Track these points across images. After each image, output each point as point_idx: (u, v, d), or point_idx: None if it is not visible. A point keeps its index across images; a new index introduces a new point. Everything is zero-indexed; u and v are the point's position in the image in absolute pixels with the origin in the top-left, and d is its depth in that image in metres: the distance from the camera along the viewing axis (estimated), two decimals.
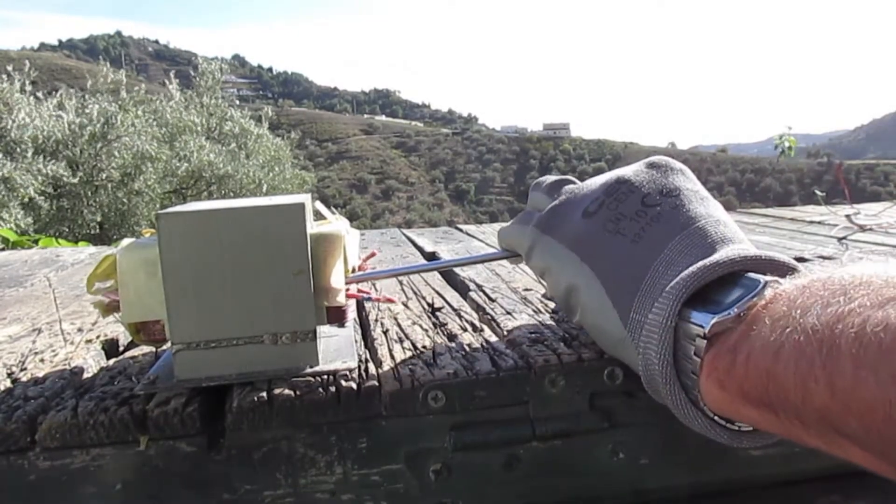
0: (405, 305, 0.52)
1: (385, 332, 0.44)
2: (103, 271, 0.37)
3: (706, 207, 0.33)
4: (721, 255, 0.29)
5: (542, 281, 0.39)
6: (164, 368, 0.36)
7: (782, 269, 0.29)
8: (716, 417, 0.28)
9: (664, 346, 0.28)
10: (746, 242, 0.32)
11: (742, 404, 0.25)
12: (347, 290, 0.38)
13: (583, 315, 0.35)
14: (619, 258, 0.32)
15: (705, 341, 0.26)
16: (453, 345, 0.40)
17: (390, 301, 0.49)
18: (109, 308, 0.37)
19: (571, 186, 0.39)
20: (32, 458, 0.31)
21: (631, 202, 0.34)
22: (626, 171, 0.36)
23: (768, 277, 0.27)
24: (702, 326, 0.27)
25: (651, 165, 0.36)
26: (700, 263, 0.29)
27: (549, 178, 0.41)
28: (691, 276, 0.28)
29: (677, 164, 0.37)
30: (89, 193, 6.65)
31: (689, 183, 0.35)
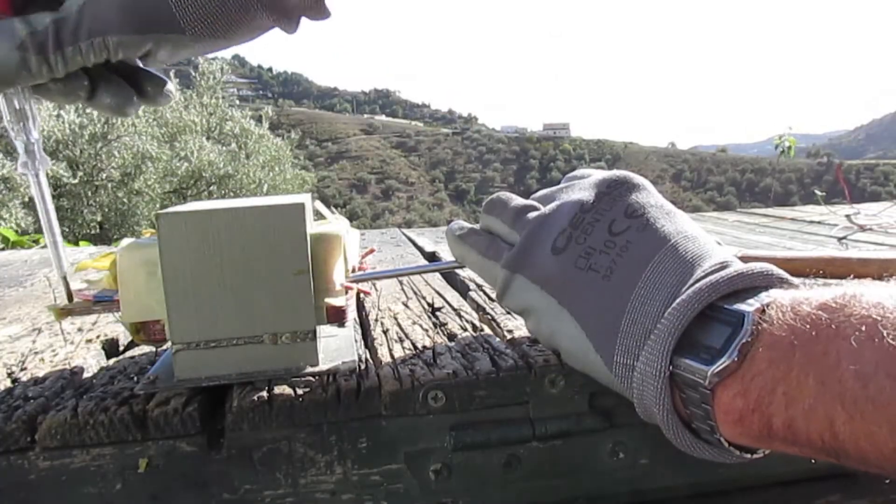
0: (405, 305, 0.52)
1: (385, 332, 0.44)
2: (99, 262, 0.37)
3: (673, 223, 0.33)
4: (693, 290, 0.28)
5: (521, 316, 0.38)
6: (164, 368, 0.36)
7: (757, 280, 0.28)
8: (741, 454, 0.28)
9: (662, 397, 0.28)
10: (716, 255, 0.31)
11: (776, 444, 0.25)
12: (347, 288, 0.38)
13: (567, 359, 0.34)
14: (594, 298, 0.32)
15: (709, 391, 0.26)
16: (453, 345, 0.40)
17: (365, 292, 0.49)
18: (63, 312, 0.37)
19: (534, 214, 0.37)
20: (32, 458, 0.31)
21: (598, 232, 0.33)
22: (587, 195, 0.35)
23: (749, 307, 0.27)
24: (701, 378, 0.26)
25: (611, 185, 0.35)
26: (675, 308, 0.28)
27: (510, 203, 0.39)
28: (673, 323, 0.28)
29: (637, 179, 0.36)
30: (89, 193, 6.66)
31: (651, 198, 0.35)
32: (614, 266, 0.32)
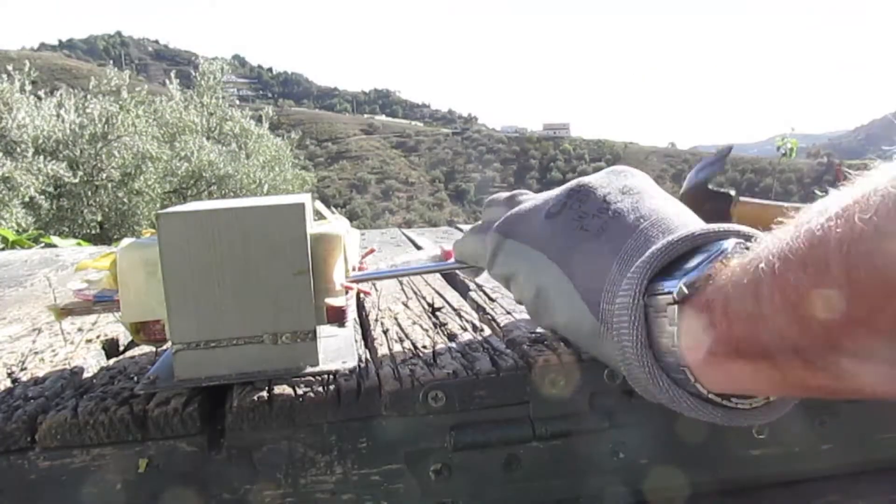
0: (405, 305, 0.52)
1: (385, 332, 0.44)
2: (99, 262, 0.37)
3: (668, 203, 0.33)
4: (683, 231, 0.29)
5: (508, 287, 0.39)
6: (164, 368, 0.36)
7: (748, 238, 0.28)
8: (708, 395, 0.27)
9: (636, 324, 0.27)
10: (725, 224, 0.31)
11: (733, 363, 0.24)
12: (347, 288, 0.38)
13: (554, 315, 0.34)
14: (585, 253, 0.32)
15: (676, 307, 0.26)
16: (453, 345, 0.40)
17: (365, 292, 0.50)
18: (63, 312, 0.37)
19: (529, 195, 0.40)
20: (32, 458, 0.31)
21: (593, 201, 0.34)
22: (587, 178, 0.37)
23: (735, 240, 0.27)
24: (669, 293, 0.26)
25: (611, 172, 0.37)
26: (664, 241, 0.28)
27: (504, 194, 0.42)
28: (655, 253, 0.28)
29: (636, 171, 0.37)
30: (89, 193, 6.66)
31: (649, 185, 0.35)
32: (606, 226, 0.32)
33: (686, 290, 0.25)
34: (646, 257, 0.28)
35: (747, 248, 0.26)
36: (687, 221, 0.31)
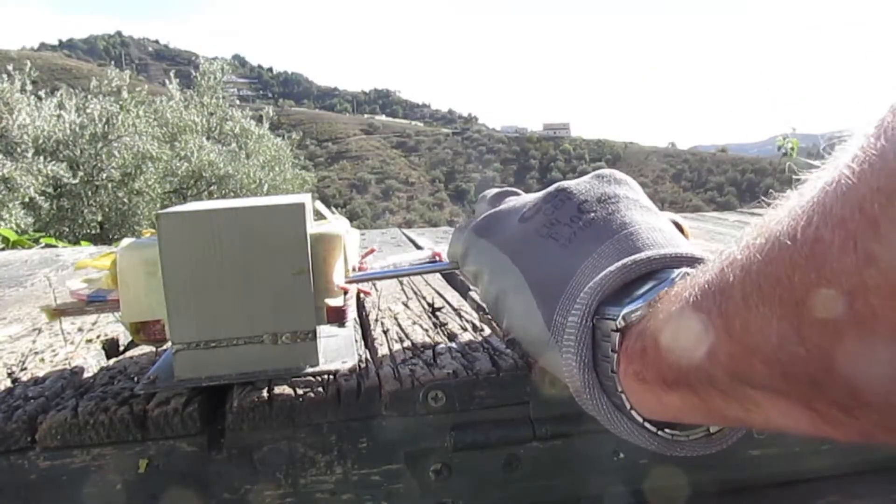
0: (405, 305, 0.52)
1: (385, 332, 0.44)
2: (99, 262, 0.37)
3: (643, 215, 0.33)
4: (642, 254, 0.28)
5: (474, 287, 0.39)
6: (164, 368, 0.36)
7: (701, 263, 0.28)
8: (645, 424, 0.27)
9: (582, 345, 0.27)
10: (684, 248, 0.30)
11: (663, 392, 0.24)
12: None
13: (510, 319, 0.34)
14: (548, 262, 0.32)
15: (618, 334, 0.26)
16: (453, 344, 0.40)
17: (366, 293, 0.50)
18: (56, 313, 0.37)
19: (514, 197, 0.40)
20: (32, 458, 0.31)
21: (567, 208, 0.34)
22: (568, 182, 0.36)
23: (684, 269, 0.26)
24: (614, 319, 0.26)
25: (595, 177, 0.36)
26: (619, 262, 0.28)
27: (493, 190, 0.42)
28: (609, 275, 0.28)
29: (621, 176, 0.36)
30: (90, 193, 6.66)
31: (630, 192, 0.35)
32: (574, 237, 0.32)
33: (624, 321, 0.26)
34: (598, 279, 0.28)
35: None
36: (657, 240, 0.30)
